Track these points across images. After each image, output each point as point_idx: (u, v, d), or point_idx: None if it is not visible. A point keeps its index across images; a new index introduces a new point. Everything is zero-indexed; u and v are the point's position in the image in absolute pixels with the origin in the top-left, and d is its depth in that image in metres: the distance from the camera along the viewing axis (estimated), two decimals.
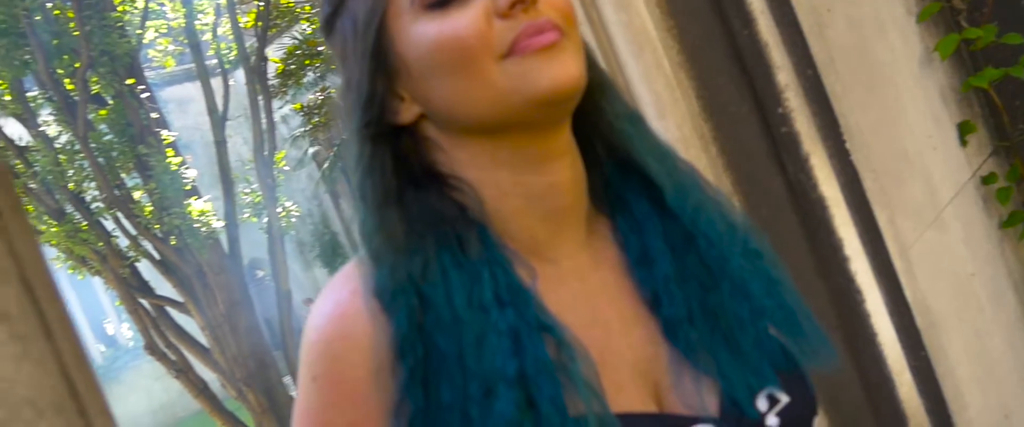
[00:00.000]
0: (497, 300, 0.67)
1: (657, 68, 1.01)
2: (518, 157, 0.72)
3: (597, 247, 0.77)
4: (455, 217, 0.72)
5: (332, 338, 0.69)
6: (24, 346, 0.49)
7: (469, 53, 0.67)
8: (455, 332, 0.67)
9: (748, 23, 1.08)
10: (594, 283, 0.75)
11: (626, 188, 0.78)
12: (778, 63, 1.08)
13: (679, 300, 0.73)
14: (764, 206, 1.11)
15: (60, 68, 7.22)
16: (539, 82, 0.67)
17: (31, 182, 7.21)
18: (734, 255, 0.75)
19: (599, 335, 0.72)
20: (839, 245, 1.08)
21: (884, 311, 1.09)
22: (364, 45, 0.71)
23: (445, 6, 0.68)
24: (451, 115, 0.72)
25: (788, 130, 1.08)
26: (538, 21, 0.67)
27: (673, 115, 1.01)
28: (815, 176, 1.08)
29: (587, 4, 1.02)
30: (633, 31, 1.01)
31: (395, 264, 0.69)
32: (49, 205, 7.29)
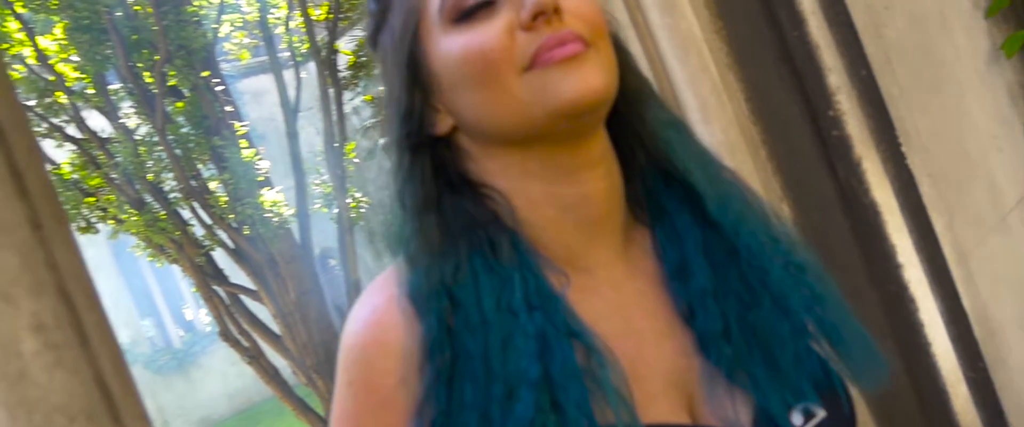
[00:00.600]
0: (526, 304, 0.68)
1: (703, 71, 0.99)
2: (548, 168, 0.72)
3: (634, 257, 0.77)
4: (488, 222, 0.72)
5: (367, 344, 0.71)
6: (58, 355, 0.51)
7: (492, 66, 0.68)
8: (482, 334, 0.67)
9: (798, 24, 1.05)
10: (629, 293, 0.75)
11: (667, 198, 0.77)
12: (829, 65, 1.05)
13: (715, 314, 0.72)
14: (814, 211, 1.08)
15: (139, 62, 7.45)
16: (560, 94, 0.67)
17: (112, 173, 7.46)
18: (774, 268, 0.74)
19: (632, 345, 0.72)
20: (892, 252, 1.05)
21: (939, 320, 1.06)
22: (399, 58, 0.73)
23: (470, 20, 0.69)
24: (479, 127, 0.73)
25: (839, 134, 1.05)
26: (560, 33, 0.67)
27: (719, 119, 0.99)
28: (867, 181, 1.05)
29: (632, 7, 1.01)
30: (679, 34, 0.99)
31: (429, 268, 0.71)
32: (129, 195, 7.53)
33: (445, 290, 0.69)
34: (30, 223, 0.55)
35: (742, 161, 1.00)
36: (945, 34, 1.29)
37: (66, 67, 7.60)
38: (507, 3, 0.69)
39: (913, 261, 1.06)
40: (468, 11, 0.69)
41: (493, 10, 0.69)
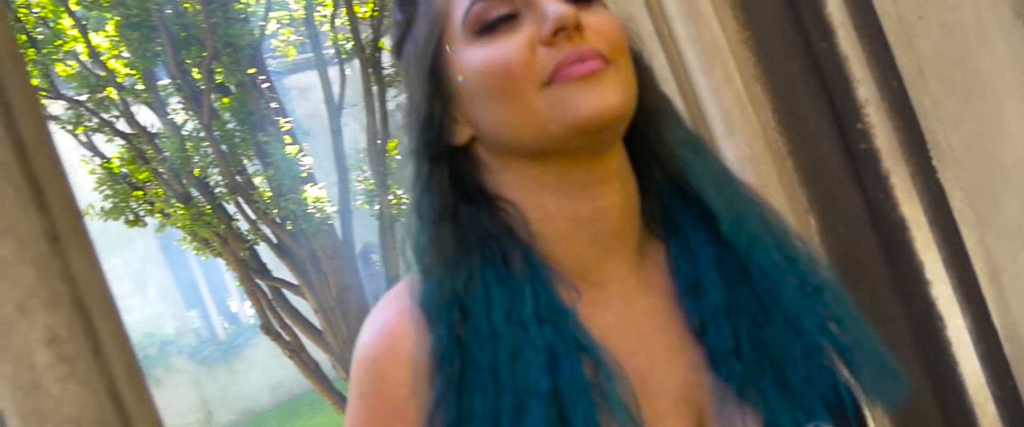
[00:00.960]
0: (536, 317, 0.69)
1: (728, 83, 0.99)
2: (564, 181, 0.73)
3: (648, 272, 0.77)
4: (502, 235, 0.73)
5: (378, 356, 0.73)
6: (71, 367, 0.52)
7: (512, 80, 0.68)
8: (492, 346, 0.68)
9: (827, 35, 1.04)
10: (641, 308, 0.75)
11: (682, 215, 0.77)
12: (858, 77, 1.03)
13: (726, 331, 0.72)
14: (841, 224, 1.07)
15: (188, 59, 7.58)
16: (578, 110, 0.67)
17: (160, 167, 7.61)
18: (788, 287, 0.74)
19: (643, 360, 0.72)
20: (920, 268, 1.04)
21: (968, 339, 1.04)
22: (422, 67, 0.74)
23: (493, 32, 0.70)
24: (497, 138, 0.74)
25: (867, 147, 1.04)
26: (580, 49, 0.67)
27: (743, 132, 0.98)
28: (896, 195, 1.04)
29: (658, 18, 1.00)
30: (704, 46, 0.99)
31: (442, 278, 0.72)
32: (176, 189, 7.67)
33: (457, 301, 0.70)
34: (48, 236, 0.57)
35: (767, 173, 0.99)
36: (983, 44, 1.27)
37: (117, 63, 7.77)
38: (529, 18, 0.70)
39: (941, 278, 1.04)
40: (491, 24, 0.70)
41: (515, 24, 0.70)
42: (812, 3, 1.04)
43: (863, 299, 1.07)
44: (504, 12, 0.70)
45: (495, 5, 0.70)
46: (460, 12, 0.71)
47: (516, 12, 0.70)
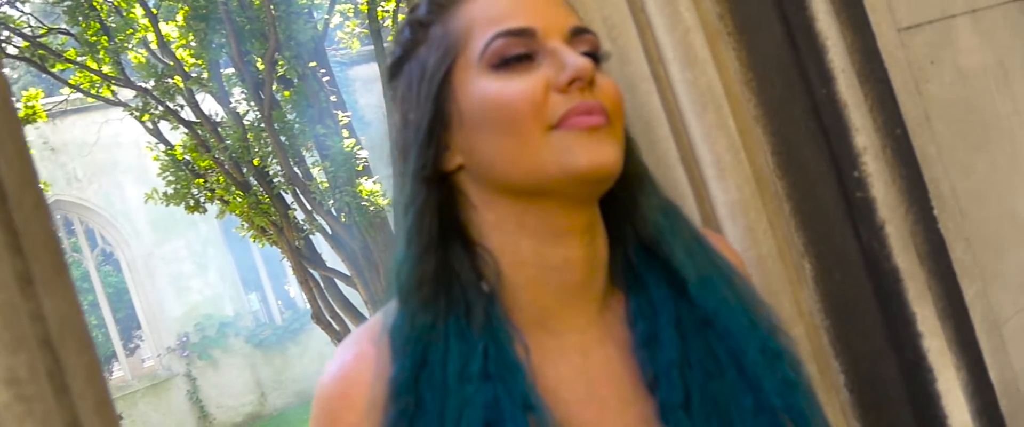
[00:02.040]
0: (484, 375, 0.71)
1: (720, 128, 0.99)
2: (543, 225, 0.76)
3: (609, 324, 0.79)
4: (469, 285, 0.75)
5: (332, 396, 0.76)
6: (28, 406, 0.56)
7: (521, 118, 0.71)
8: (442, 395, 0.71)
9: (827, 82, 1.04)
10: (597, 360, 0.77)
11: (647, 272, 0.80)
12: (857, 124, 1.03)
13: (678, 385, 0.74)
14: (837, 270, 1.06)
15: (251, 51, 7.76)
16: (579, 159, 0.70)
17: (221, 155, 7.80)
18: (750, 349, 0.75)
19: (593, 412, 0.75)
20: (912, 319, 1.03)
21: (960, 391, 1.03)
22: (429, 90, 0.76)
23: (509, 68, 0.72)
24: (490, 170, 0.76)
25: (863, 195, 1.03)
26: (589, 103, 0.71)
27: (734, 176, 0.99)
28: (890, 245, 1.03)
29: (655, 61, 1.01)
30: (698, 90, 0.99)
31: (416, 313, 0.74)
32: (236, 178, 7.86)
33: (421, 343, 0.73)
34: (19, 281, 0.61)
35: (756, 218, 0.99)
36: (1004, 88, 1.24)
37: (185, 53, 7.98)
38: (546, 60, 0.73)
39: (935, 330, 1.03)
40: (508, 60, 0.72)
41: (531, 64, 0.73)
42: (813, 49, 1.04)
43: (858, 346, 1.07)
44: (523, 52, 0.73)
45: (516, 43, 0.73)
46: (479, 43, 0.74)
47: (533, 53, 0.73)
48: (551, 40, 0.74)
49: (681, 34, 0.99)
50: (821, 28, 1.04)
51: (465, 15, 0.76)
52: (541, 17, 0.74)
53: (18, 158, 0.66)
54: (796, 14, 1.04)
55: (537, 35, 0.74)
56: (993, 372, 1.06)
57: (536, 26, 0.74)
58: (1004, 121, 1.22)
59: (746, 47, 1.06)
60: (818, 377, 1.03)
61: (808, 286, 1.06)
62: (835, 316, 1.07)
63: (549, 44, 0.74)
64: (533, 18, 0.74)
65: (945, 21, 1.18)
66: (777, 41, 1.05)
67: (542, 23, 0.74)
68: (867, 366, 1.07)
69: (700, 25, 1.00)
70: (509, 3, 0.75)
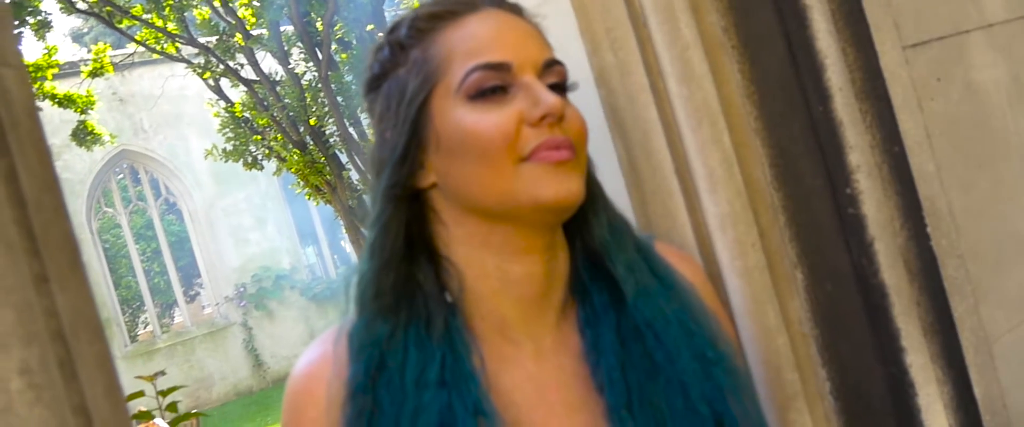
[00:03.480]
0: (440, 382, 0.78)
1: (714, 142, 1.02)
2: (507, 244, 0.82)
3: (565, 332, 0.86)
4: (431, 295, 0.82)
5: (298, 391, 0.84)
6: (38, 394, 0.63)
7: (494, 150, 0.77)
8: (399, 399, 0.78)
9: (824, 99, 1.06)
10: (550, 367, 0.84)
11: (592, 282, 0.86)
12: (851, 143, 1.05)
13: (620, 389, 0.80)
14: (828, 282, 1.09)
15: (311, 12, 7.87)
16: (545, 191, 0.76)
17: (279, 114, 7.96)
18: (683, 356, 0.81)
19: (540, 416, 0.81)
20: (896, 334, 1.05)
21: (941, 407, 1.06)
22: (408, 113, 0.82)
23: (485, 100, 0.78)
24: (462, 193, 0.82)
25: (855, 212, 1.06)
26: (557, 139, 0.76)
27: (726, 190, 1.02)
28: (878, 262, 1.05)
29: (654, 74, 1.05)
30: (694, 105, 1.02)
31: (372, 321, 0.81)
32: (293, 137, 8.04)
33: (378, 348, 0.80)
34: (35, 280, 0.68)
35: (746, 231, 1.03)
36: (1017, 103, 1.24)
37: (246, 12, 8.14)
38: (520, 94, 0.78)
39: (919, 346, 1.05)
40: (484, 91, 0.78)
41: (505, 97, 0.78)
42: (813, 66, 1.06)
43: (845, 356, 1.11)
44: (498, 84, 0.78)
45: (492, 77, 0.78)
46: (458, 75, 0.79)
47: (508, 86, 0.78)
48: (525, 74, 0.79)
49: (680, 50, 1.02)
50: (821, 47, 1.05)
51: (445, 43, 0.81)
52: (516, 51, 0.79)
53: (40, 164, 0.73)
54: (797, 31, 1.06)
55: (512, 69, 0.79)
56: (978, 388, 1.08)
57: (511, 61, 0.79)
58: (1014, 137, 1.22)
59: (749, 61, 1.08)
60: (801, 384, 1.06)
61: (799, 295, 1.09)
62: (824, 326, 1.10)
63: (523, 78, 0.79)
64: (509, 52, 0.79)
65: (956, 37, 1.18)
66: (779, 57, 1.08)
67: (517, 57, 0.79)
68: (853, 376, 1.10)
69: (700, 41, 1.03)
70: (487, 36, 0.79)
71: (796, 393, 1.04)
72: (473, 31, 0.81)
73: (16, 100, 0.73)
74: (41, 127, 0.76)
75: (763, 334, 1.03)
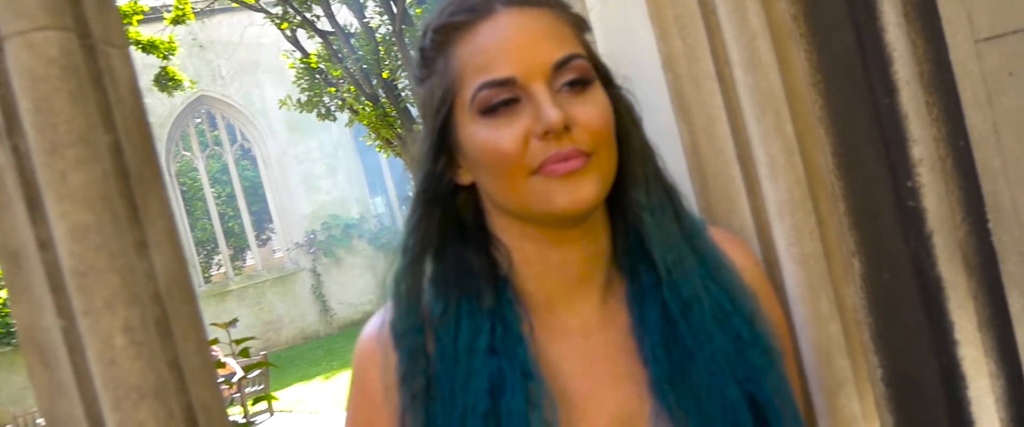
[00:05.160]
0: (490, 349, 0.84)
1: (777, 131, 1.04)
2: (541, 236, 0.87)
3: (611, 308, 0.90)
4: (482, 272, 0.88)
5: (363, 354, 0.91)
6: (139, 349, 0.71)
7: (505, 165, 0.81)
8: (453, 368, 0.84)
9: (890, 92, 1.06)
10: (598, 340, 0.89)
11: (639, 260, 0.89)
12: (915, 136, 1.06)
13: (663, 364, 0.85)
14: (886, 271, 1.11)
15: None
16: (556, 202, 0.81)
17: (352, 66, 8.07)
18: (718, 336, 0.85)
19: (586, 385, 0.86)
20: (950, 327, 1.07)
21: (992, 400, 1.07)
22: (435, 124, 0.87)
23: (495, 114, 0.81)
24: (491, 197, 0.88)
25: (915, 205, 1.07)
26: (564, 151, 0.80)
27: (786, 179, 1.04)
28: (935, 255, 1.06)
29: (721, 61, 1.07)
30: (759, 94, 1.04)
31: (407, 310, 0.88)
32: (366, 90, 8.14)
33: (421, 329, 0.86)
34: (137, 245, 0.75)
35: (804, 219, 1.05)
36: None
37: None
38: (528, 107, 0.81)
39: (973, 340, 1.07)
40: (494, 106, 0.81)
41: (516, 108, 0.81)
42: (880, 59, 1.06)
43: (898, 345, 1.13)
44: (507, 98, 0.81)
45: (499, 92, 0.81)
46: (469, 92, 0.83)
47: (518, 98, 0.81)
48: (533, 83, 0.81)
49: (748, 39, 1.04)
50: (890, 39, 1.06)
51: (458, 58, 0.84)
52: (522, 61, 0.81)
53: (141, 138, 0.80)
54: (867, 23, 1.07)
55: (518, 82, 0.81)
56: None
57: (517, 74, 0.81)
58: None
59: (817, 49, 1.09)
60: (852, 370, 1.09)
61: (855, 284, 1.11)
62: (879, 314, 1.12)
63: (531, 88, 0.81)
64: (514, 64, 0.81)
65: None
66: (848, 47, 1.08)
67: (523, 68, 0.81)
68: (906, 365, 1.12)
69: (767, 30, 1.04)
70: (494, 49, 0.82)
71: (846, 379, 1.07)
72: (482, 43, 0.82)
73: (121, 79, 0.80)
74: (143, 103, 0.83)
75: (815, 320, 1.06)
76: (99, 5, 0.78)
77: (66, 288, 0.71)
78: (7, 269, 0.75)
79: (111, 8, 0.81)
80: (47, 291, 0.73)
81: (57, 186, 0.70)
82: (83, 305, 0.71)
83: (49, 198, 0.70)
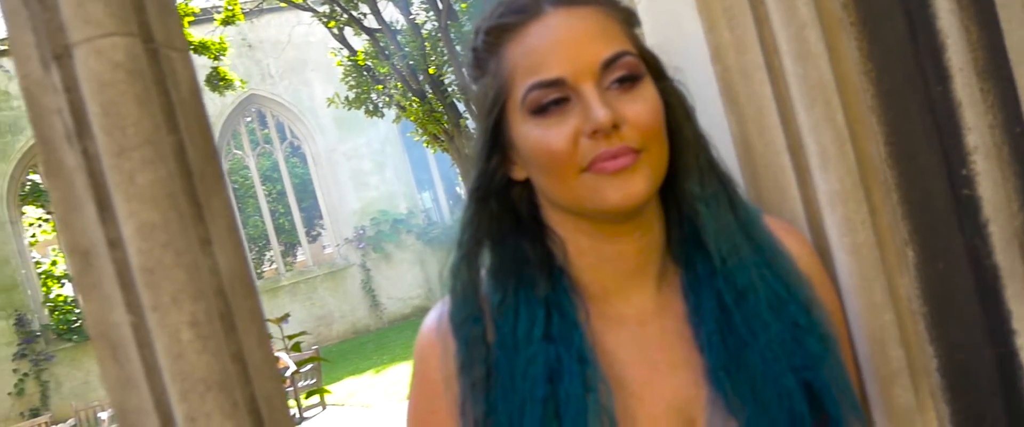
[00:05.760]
0: (547, 336, 0.85)
1: (827, 121, 1.04)
2: (595, 229, 0.89)
3: (667, 297, 0.91)
4: (539, 262, 0.90)
5: (423, 345, 0.94)
6: (205, 343, 0.73)
7: (556, 163, 0.83)
8: (512, 355, 0.86)
9: (943, 79, 1.05)
10: (653, 329, 0.90)
11: (695, 250, 0.90)
12: (970, 124, 1.04)
13: (719, 351, 0.86)
14: (940, 260, 1.10)
15: None
16: (607, 199, 0.82)
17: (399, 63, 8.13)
18: (775, 324, 0.85)
19: (643, 373, 0.88)
20: (1007, 316, 1.05)
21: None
22: (488, 124, 0.89)
23: (546, 114, 0.83)
24: (544, 193, 0.89)
25: (970, 193, 1.05)
26: (613, 148, 0.81)
27: (837, 168, 1.04)
28: (992, 243, 1.05)
29: (770, 52, 1.06)
30: (809, 83, 1.04)
31: (463, 301, 0.90)
32: (412, 86, 8.20)
33: (479, 317, 0.88)
34: (201, 243, 0.78)
35: (855, 209, 1.04)
36: None
37: None
38: (578, 106, 0.82)
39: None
40: (544, 106, 0.83)
41: (566, 107, 0.83)
42: (933, 46, 1.05)
43: (954, 335, 1.11)
44: (556, 97, 0.82)
45: (549, 93, 0.82)
46: (520, 93, 0.84)
47: (568, 97, 0.82)
48: (582, 83, 0.82)
49: (796, 29, 1.04)
50: (942, 26, 1.05)
51: (509, 59, 0.85)
52: (571, 61, 0.82)
53: (202, 138, 0.82)
54: (919, 10, 1.06)
55: (567, 82, 0.82)
56: None
57: (565, 74, 0.82)
58: None
59: (867, 38, 1.08)
60: (907, 360, 1.08)
61: (909, 273, 1.10)
62: (933, 304, 1.11)
63: (580, 87, 0.82)
64: (563, 65, 0.82)
65: None
66: (899, 35, 1.07)
67: (573, 68, 0.82)
68: (961, 355, 1.11)
69: (817, 20, 1.04)
70: (544, 50, 0.83)
71: (901, 369, 1.06)
72: (531, 44, 0.84)
73: (182, 81, 0.82)
74: (203, 104, 0.86)
75: (869, 310, 1.05)
76: (160, 10, 0.81)
77: (135, 285, 0.74)
78: (77, 267, 0.78)
79: (172, 12, 0.84)
80: (117, 288, 0.76)
81: (125, 187, 0.73)
82: (151, 301, 0.73)
83: (118, 198, 0.73)
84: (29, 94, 0.77)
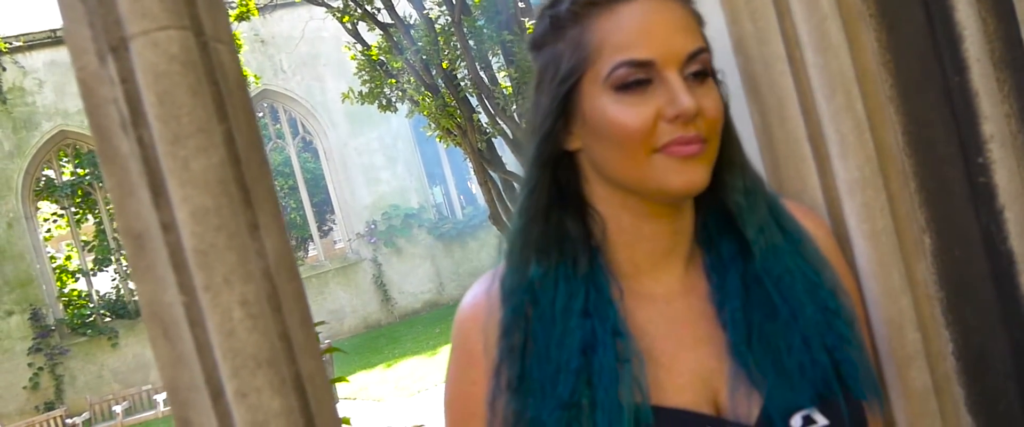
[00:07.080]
0: (584, 311, 0.90)
1: (847, 110, 1.07)
2: (640, 207, 0.92)
3: (692, 277, 0.96)
4: (579, 239, 0.94)
5: (464, 319, 0.98)
6: (254, 322, 0.77)
7: (632, 141, 0.86)
8: (549, 327, 0.91)
9: (960, 70, 1.08)
10: (679, 307, 0.94)
11: (721, 234, 0.97)
12: (986, 113, 1.07)
13: (741, 328, 0.91)
14: (957, 247, 1.13)
15: None
16: (673, 182, 0.86)
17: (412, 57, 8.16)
18: (806, 309, 0.92)
19: (671, 346, 0.92)
20: (1022, 301, 1.08)
21: None
22: (559, 91, 0.92)
23: (628, 91, 0.87)
24: (601, 166, 0.92)
25: (986, 181, 1.08)
26: (689, 135, 0.85)
27: (856, 157, 1.07)
28: (1007, 229, 1.08)
29: (791, 43, 1.09)
30: (829, 73, 1.07)
31: (519, 269, 0.94)
32: (425, 80, 8.23)
33: (529, 289, 0.92)
34: (249, 227, 0.82)
35: (874, 196, 1.07)
36: None
37: None
38: (660, 87, 0.86)
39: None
40: (629, 84, 0.86)
41: (648, 89, 0.86)
42: (950, 37, 1.08)
43: (970, 319, 1.14)
44: (641, 78, 0.86)
45: (636, 72, 0.86)
46: (606, 67, 0.87)
47: (651, 79, 0.86)
48: (668, 69, 0.86)
49: (817, 21, 1.07)
50: (960, 18, 1.07)
51: (598, 31, 0.88)
52: (662, 46, 0.86)
53: (247, 126, 0.86)
54: (936, 2, 1.08)
55: (655, 65, 0.86)
56: None
57: (656, 57, 0.86)
58: None
59: (886, 29, 1.11)
60: (924, 344, 1.11)
61: (926, 259, 1.13)
62: (950, 289, 1.14)
63: (665, 73, 0.86)
64: (654, 48, 0.86)
65: None
66: (917, 26, 1.10)
67: (662, 53, 0.86)
68: (977, 339, 1.14)
69: (837, 12, 1.07)
70: (636, 31, 0.86)
71: (917, 352, 1.09)
72: (624, 23, 0.87)
73: (230, 72, 0.86)
74: (248, 94, 0.89)
75: (887, 295, 1.08)
76: (209, 4, 0.85)
77: (188, 266, 0.78)
78: (131, 250, 0.82)
79: (219, 6, 0.87)
80: (169, 270, 0.79)
81: (180, 173, 0.76)
82: (204, 281, 0.77)
83: (172, 184, 0.77)
84: (84, 85, 0.81)
